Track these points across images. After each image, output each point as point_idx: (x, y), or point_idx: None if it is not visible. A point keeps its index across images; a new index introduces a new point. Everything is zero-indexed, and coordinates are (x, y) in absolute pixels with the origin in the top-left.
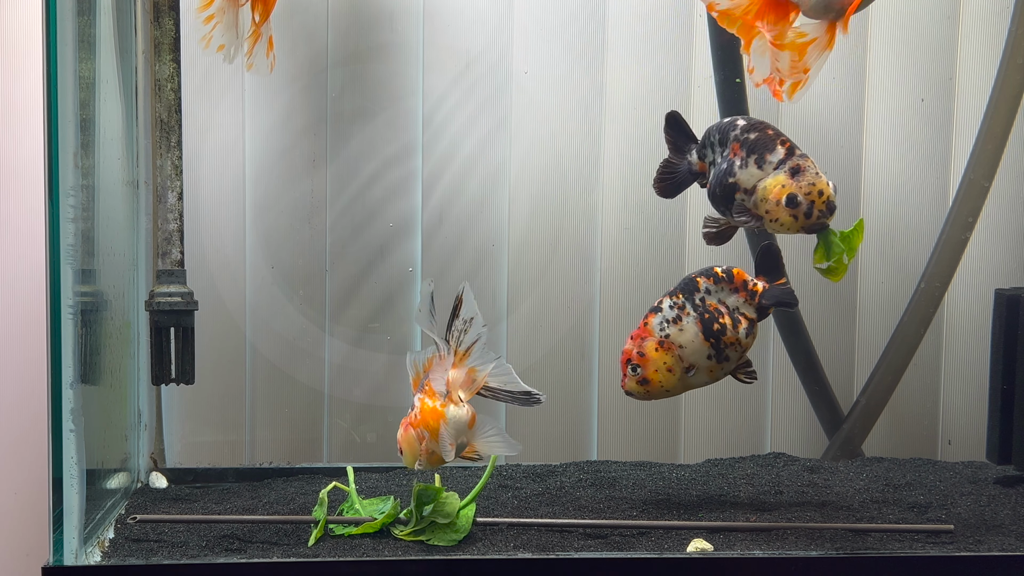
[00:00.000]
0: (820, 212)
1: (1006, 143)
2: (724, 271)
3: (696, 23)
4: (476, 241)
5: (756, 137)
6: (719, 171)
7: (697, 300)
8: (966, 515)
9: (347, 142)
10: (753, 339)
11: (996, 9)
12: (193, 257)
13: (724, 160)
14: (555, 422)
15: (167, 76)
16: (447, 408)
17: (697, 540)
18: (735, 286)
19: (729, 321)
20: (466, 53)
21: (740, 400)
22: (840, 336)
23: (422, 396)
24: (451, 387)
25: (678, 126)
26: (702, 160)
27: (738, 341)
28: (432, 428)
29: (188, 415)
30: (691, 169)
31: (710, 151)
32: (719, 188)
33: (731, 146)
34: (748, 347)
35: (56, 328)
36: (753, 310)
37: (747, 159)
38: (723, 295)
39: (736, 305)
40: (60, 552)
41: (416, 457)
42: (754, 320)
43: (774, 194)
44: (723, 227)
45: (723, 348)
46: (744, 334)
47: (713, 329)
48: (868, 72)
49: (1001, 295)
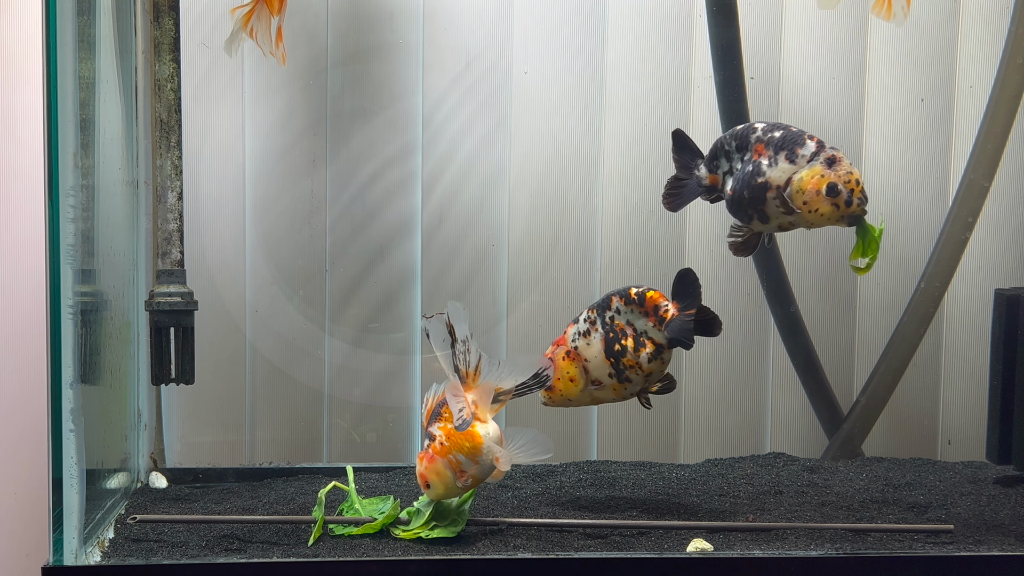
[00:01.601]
0: (859, 199)
1: (1006, 143)
2: (638, 293)
3: (696, 22)
4: (476, 241)
5: (782, 134)
6: (744, 175)
7: (607, 318)
8: (966, 515)
9: (347, 142)
10: (661, 364)
11: (996, 9)
12: (193, 257)
13: (748, 163)
14: (555, 422)
15: (167, 76)
16: (477, 426)
17: (697, 540)
18: (645, 310)
19: (631, 344)
20: (466, 53)
21: (740, 400)
22: (840, 336)
23: (442, 425)
24: (476, 408)
25: (684, 143)
26: (713, 172)
27: (638, 365)
28: (469, 449)
29: (188, 415)
30: (700, 183)
31: (724, 160)
32: (747, 191)
33: (754, 148)
34: (652, 372)
35: (56, 328)
36: (663, 336)
37: (776, 156)
38: (632, 317)
39: (644, 329)
40: (60, 552)
41: (447, 487)
42: (662, 346)
43: (812, 184)
44: (747, 235)
45: (623, 369)
46: (646, 359)
47: (614, 349)
48: (868, 71)
49: (1001, 295)
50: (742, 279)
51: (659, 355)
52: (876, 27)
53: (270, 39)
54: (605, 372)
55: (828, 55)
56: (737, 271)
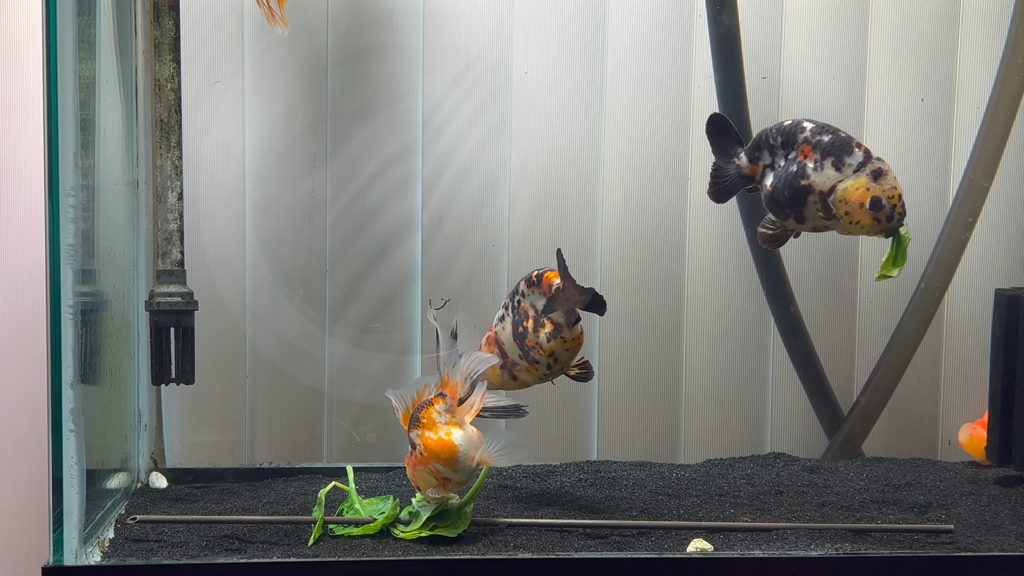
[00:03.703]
0: (900, 215)
1: (1006, 143)
2: (537, 275)
3: (696, 23)
4: (476, 241)
5: (831, 139)
6: (786, 174)
7: (516, 301)
8: (966, 515)
9: (347, 142)
10: (563, 343)
11: (996, 9)
12: (193, 257)
13: (792, 163)
14: (555, 422)
15: (167, 76)
16: (453, 434)
17: (697, 540)
18: (542, 291)
19: (531, 325)
20: (466, 53)
21: (740, 400)
22: (840, 336)
23: (420, 434)
24: (457, 414)
25: (723, 129)
26: (753, 163)
27: (539, 345)
28: (446, 459)
29: (188, 415)
30: (741, 172)
31: (766, 154)
32: (787, 190)
33: (800, 148)
34: (556, 351)
35: (56, 328)
36: (561, 315)
37: (822, 161)
38: (534, 299)
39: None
40: (60, 552)
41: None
42: (560, 325)
43: (857, 196)
44: (778, 230)
45: (528, 350)
46: (545, 339)
47: (518, 331)
48: (868, 72)
49: (1001, 295)
50: (742, 279)
51: (558, 334)
52: (876, 28)
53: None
54: (517, 354)
55: (828, 56)
56: (737, 272)
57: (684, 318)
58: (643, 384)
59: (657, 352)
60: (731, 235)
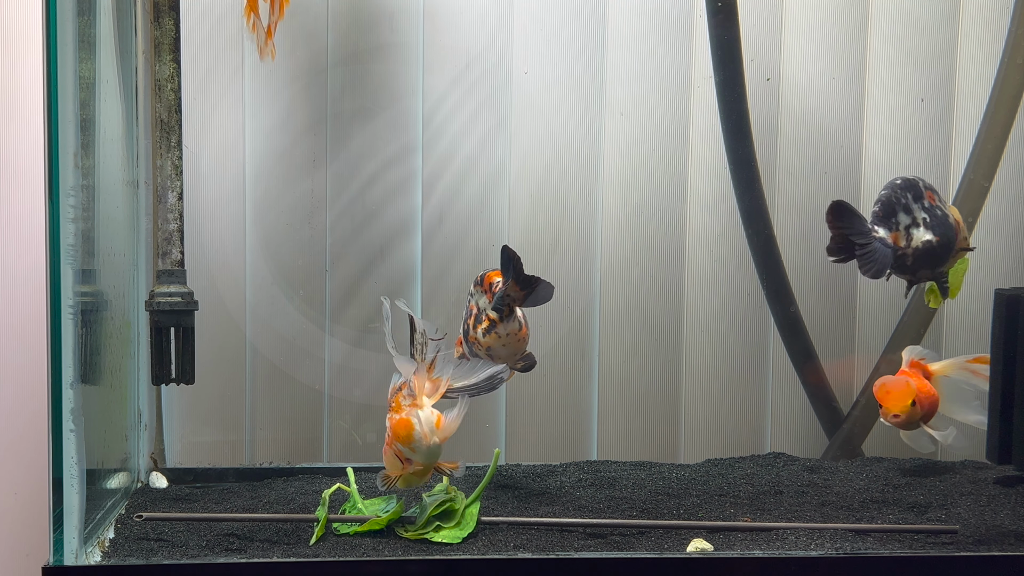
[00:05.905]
0: None
1: (1006, 143)
2: (482, 275)
3: (696, 22)
4: (476, 241)
5: (923, 181)
6: (940, 218)
7: (468, 301)
8: (966, 515)
9: (347, 142)
10: (497, 339)
11: (996, 9)
12: (193, 257)
13: (935, 208)
14: (555, 422)
15: (167, 76)
16: (410, 413)
17: (697, 540)
18: (484, 289)
19: (472, 321)
20: (466, 53)
21: (740, 400)
22: (840, 336)
23: (389, 416)
24: (417, 394)
25: (849, 212)
26: (894, 231)
27: (477, 340)
28: (403, 436)
29: (188, 415)
30: (885, 243)
31: (903, 215)
32: (943, 235)
33: (926, 195)
34: (492, 346)
35: (56, 328)
36: (494, 312)
37: (943, 202)
38: (477, 297)
39: (484, 307)
40: (60, 552)
41: (403, 475)
42: (495, 321)
43: (963, 225)
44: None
45: (471, 345)
46: (481, 334)
47: (463, 328)
48: (868, 72)
49: (1001, 295)
50: (742, 279)
51: (492, 329)
52: (876, 27)
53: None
54: (465, 349)
55: (828, 55)
56: (737, 272)
57: (684, 318)
58: (643, 384)
59: (657, 352)
60: (731, 235)
